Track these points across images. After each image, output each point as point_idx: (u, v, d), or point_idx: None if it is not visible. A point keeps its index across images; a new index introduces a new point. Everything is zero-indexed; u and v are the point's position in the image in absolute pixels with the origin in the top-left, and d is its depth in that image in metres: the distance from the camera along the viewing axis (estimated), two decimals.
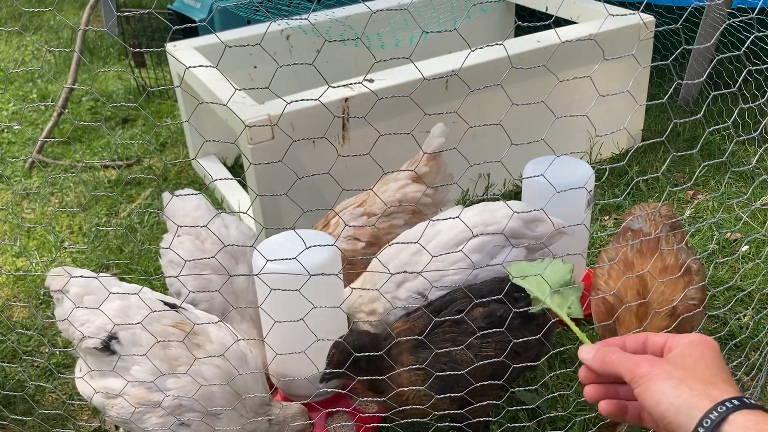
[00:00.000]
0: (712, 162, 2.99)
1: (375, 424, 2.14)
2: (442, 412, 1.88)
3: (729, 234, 2.92)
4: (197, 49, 3.42)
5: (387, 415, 2.01)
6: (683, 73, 4.06)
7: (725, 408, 0.88)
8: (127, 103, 4.58)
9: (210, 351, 1.84)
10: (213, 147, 3.76)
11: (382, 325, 2.11)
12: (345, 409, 2.12)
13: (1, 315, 2.79)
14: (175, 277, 2.26)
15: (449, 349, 1.81)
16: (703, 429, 0.88)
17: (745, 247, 2.84)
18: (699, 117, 3.49)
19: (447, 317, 1.86)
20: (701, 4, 3.70)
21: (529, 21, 4.31)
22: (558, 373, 2.31)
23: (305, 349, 1.71)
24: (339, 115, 2.77)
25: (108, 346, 1.83)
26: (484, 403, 1.86)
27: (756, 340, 2.37)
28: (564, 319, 1.47)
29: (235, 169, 3.77)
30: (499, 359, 1.78)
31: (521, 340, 1.76)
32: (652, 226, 2.09)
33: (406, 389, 1.81)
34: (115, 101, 4.73)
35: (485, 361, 1.81)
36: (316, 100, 1.59)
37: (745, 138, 3.54)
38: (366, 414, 2.13)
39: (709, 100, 3.79)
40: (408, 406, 1.82)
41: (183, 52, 3.40)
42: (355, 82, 1.69)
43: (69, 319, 1.86)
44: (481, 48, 1.75)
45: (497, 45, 2.31)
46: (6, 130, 4.46)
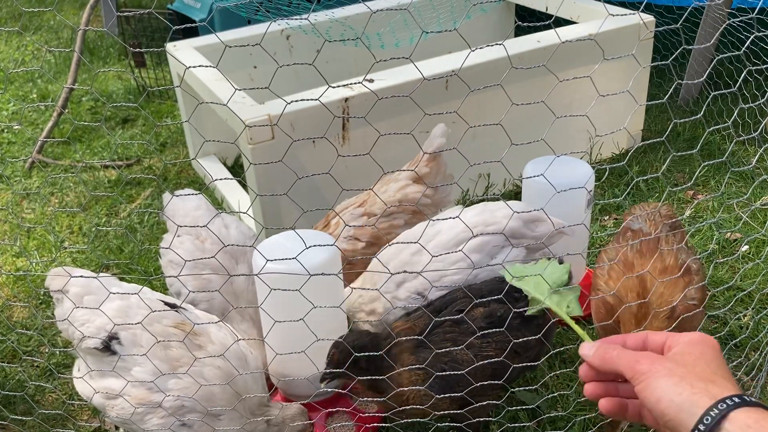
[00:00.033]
0: (712, 162, 2.99)
1: (375, 424, 2.14)
2: (442, 412, 1.88)
3: (729, 234, 2.92)
4: (197, 49, 3.42)
5: (387, 415, 2.01)
6: (683, 73, 4.06)
7: (726, 405, 0.88)
8: (127, 103, 4.58)
9: (211, 352, 1.85)
10: (213, 147, 3.76)
11: (382, 325, 2.10)
12: (345, 409, 2.12)
13: (1, 315, 2.79)
14: (175, 277, 2.26)
15: (449, 349, 1.81)
16: (704, 426, 0.88)
17: (745, 247, 2.84)
18: (699, 117, 3.49)
19: (447, 317, 1.85)
20: (701, 4, 3.70)
21: (529, 21, 4.31)
22: (558, 373, 2.31)
23: (305, 349, 1.71)
24: (339, 115, 2.77)
25: (108, 347, 1.83)
26: (484, 403, 1.86)
27: (756, 340, 2.37)
28: (563, 317, 1.47)
29: (235, 169, 3.77)
30: (499, 359, 1.78)
31: (521, 340, 1.76)
32: (652, 226, 2.09)
33: (407, 389, 1.81)
34: (115, 101, 4.73)
35: (485, 361, 1.81)
36: (316, 100, 1.59)
37: (745, 138, 3.54)
38: (366, 414, 2.13)
39: (709, 100, 3.78)
40: (408, 406, 1.82)
41: (183, 52, 3.40)
42: (355, 82, 1.70)
43: (69, 319, 1.86)
44: (481, 48, 1.75)
45: (497, 45, 2.31)
46: (6, 130, 4.46)
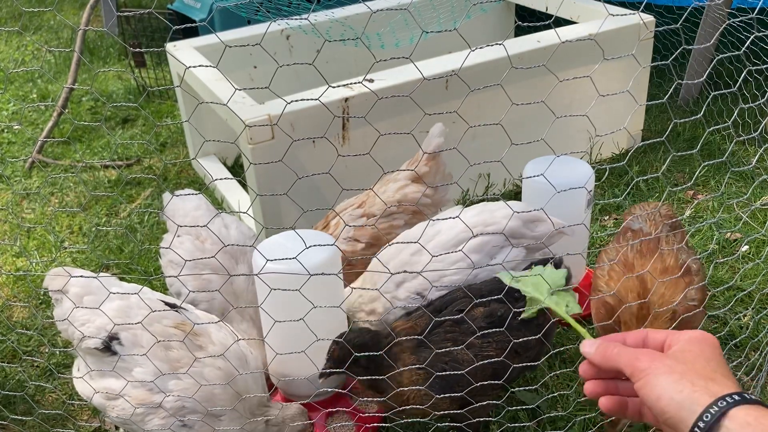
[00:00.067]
0: (712, 162, 2.99)
1: (375, 424, 2.14)
2: (442, 412, 1.88)
3: (729, 234, 2.92)
4: (197, 49, 3.42)
5: (387, 415, 2.01)
6: (683, 73, 4.06)
7: (726, 403, 0.88)
8: (127, 103, 4.56)
9: (211, 352, 1.84)
10: (213, 147, 3.76)
11: (381, 325, 2.10)
12: (345, 409, 2.12)
13: (1, 315, 2.79)
14: (175, 277, 2.26)
15: (450, 349, 1.81)
16: (704, 423, 0.88)
17: (745, 247, 2.84)
18: (699, 117, 3.49)
19: (447, 317, 1.85)
20: (701, 4, 3.70)
21: (529, 21, 4.31)
22: (558, 373, 2.31)
23: (305, 349, 1.71)
24: (339, 115, 2.77)
25: (109, 347, 1.83)
26: (484, 403, 1.86)
27: (756, 340, 2.37)
28: (563, 316, 1.47)
29: (235, 169, 3.77)
30: (499, 359, 1.78)
31: (521, 339, 1.76)
32: (652, 226, 2.09)
33: (407, 389, 1.81)
34: (115, 101, 4.73)
35: (486, 361, 1.81)
36: (316, 100, 1.59)
37: (745, 138, 3.54)
38: (366, 414, 2.13)
39: (709, 100, 3.78)
40: (408, 406, 1.82)
41: (183, 52, 3.40)
42: (355, 82, 1.70)
43: (69, 319, 1.86)
44: (481, 48, 1.75)
45: (497, 45, 2.31)
46: (6, 130, 4.46)
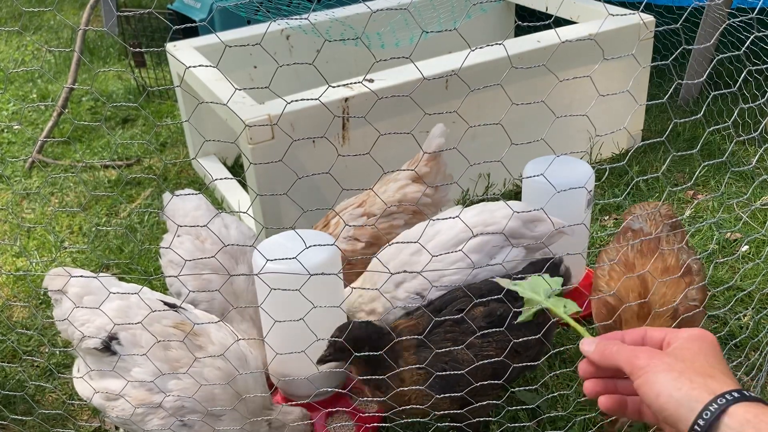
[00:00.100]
0: (712, 162, 2.99)
1: (375, 424, 2.14)
2: (442, 412, 1.88)
3: (729, 234, 2.92)
4: (197, 49, 3.42)
5: (387, 415, 2.01)
6: (683, 73, 4.06)
7: (725, 400, 0.88)
8: (127, 103, 4.57)
9: (211, 352, 1.84)
10: (213, 147, 3.76)
11: (382, 325, 2.10)
12: (345, 409, 2.12)
13: (1, 315, 2.79)
14: (175, 277, 2.26)
15: (450, 349, 1.81)
16: (703, 421, 0.88)
17: (745, 247, 2.84)
18: (699, 117, 3.49)
19: (448, 317, 1.85)
20: (701, 4, 3.70)
21: (529, 21, 4.30)
22: (558, 373, 2.31)
23: (305, 349, 1.71)
24: (339, 115, 2.77)
25: (108, 347, 1.83)
26: (485, 402, 1.86)
27: (756, 340, 2.37)
28: (562, 316, 1.46)
29: (235, 169, 3.77)
30: (499, 359, 1.78)
31: (521, 339, 1.76)
32: (652, 225, 2.09)
33: (407, 389, 1.81)
34: (115, 101, 4.73)
35: (486, 361, 1.81)
36: (316, 100, 1.59)
37: (745, 138, 3.54)
38: (366, 414, 2.13)
39: (709, 100, 3.78)
40: (408, 406, 1.82)
41: (183, 52, 3.40)
42: (355, 82, 1.70)
43: (69, 319, 1.86)
44: (481, 48, 1.75)
45: (497, 45, 2.31)
46: (6, 130, 4.46)
